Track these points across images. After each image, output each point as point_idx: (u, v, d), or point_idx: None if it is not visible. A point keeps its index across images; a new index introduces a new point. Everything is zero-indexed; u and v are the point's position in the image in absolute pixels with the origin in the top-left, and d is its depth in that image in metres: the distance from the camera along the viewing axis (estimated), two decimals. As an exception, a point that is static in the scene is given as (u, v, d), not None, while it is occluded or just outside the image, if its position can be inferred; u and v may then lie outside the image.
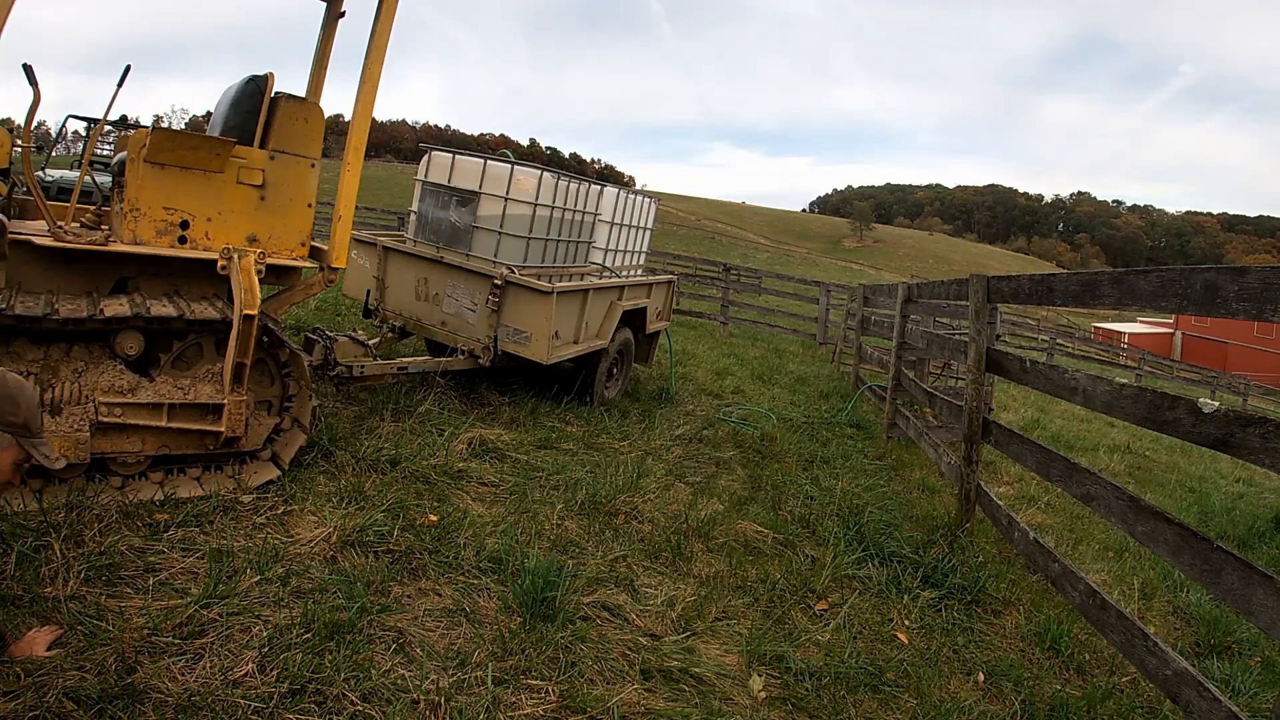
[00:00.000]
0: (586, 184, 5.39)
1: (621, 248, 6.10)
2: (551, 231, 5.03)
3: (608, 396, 5.62)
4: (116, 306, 2.72)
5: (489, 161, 4.87)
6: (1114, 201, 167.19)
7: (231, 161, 3.07)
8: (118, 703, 1.76)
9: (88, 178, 3.32)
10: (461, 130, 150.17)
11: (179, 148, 2.93)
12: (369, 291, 5.02)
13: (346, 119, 3.49)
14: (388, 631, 2.27)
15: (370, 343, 4.52)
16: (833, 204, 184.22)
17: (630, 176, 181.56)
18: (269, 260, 3.13)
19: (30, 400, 1.73)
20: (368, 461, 3.39)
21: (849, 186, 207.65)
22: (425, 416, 4.14)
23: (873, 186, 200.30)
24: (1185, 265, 2.28)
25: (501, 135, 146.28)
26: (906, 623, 2.99)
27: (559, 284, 4.54)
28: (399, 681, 2.02)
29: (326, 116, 3.39)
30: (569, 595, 2.57)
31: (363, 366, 4.16)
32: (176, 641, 2.02)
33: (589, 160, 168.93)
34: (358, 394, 4.39)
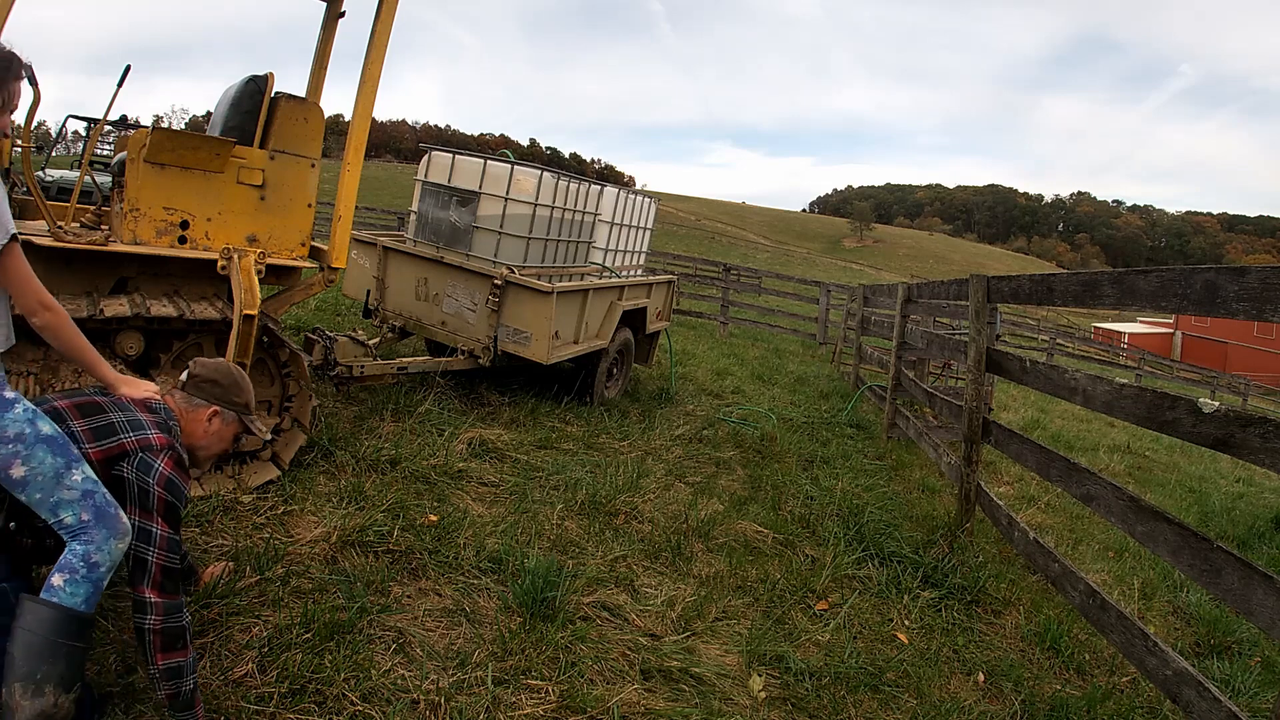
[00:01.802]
0: (586, 184, 5.39)
1: (621, 248, 6.10)
2: (551, 231, 5.03)
3: (608, 396, 5.62)
4: (116, 306, 2.72)
5: (489, 161, 4.87)
6: (1114, 201, 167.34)
7: (231, 161, 3.07)
8: (118, 702, 1.76)
9: (88, 178, 3.32)
10: (461, 130, 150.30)
11: (179, 148, 2.93)
12: (369, 291, 5.02)
13: (346, 119, 3.49)
14: (388, 631, 2.27)
15: (370, 343, 4.52)
16: (833, 204, 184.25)
17: (630, 176, 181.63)
18: (269, 260, 3.13)
19: (249, 384, 2.11)
20: (368, 461, 3.39)
21: (849, 186, 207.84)
22: (425, 416, 4.14)
23: (873, 186, 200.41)
24: (1185, 265, 2.28)
25: (501, 135, 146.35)
26: (906, 623, 2.99)
27: (559, 284, 4.54)
28: (399, 681, 2.02)
29: (326, 116, 3.39)
30: (569, 595, 2.57)
31: (363, 366, 4.16)
32: (176, 641, 2.02)
33: (589, 160, 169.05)
34: (358, 394, 4.39)
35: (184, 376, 2.02)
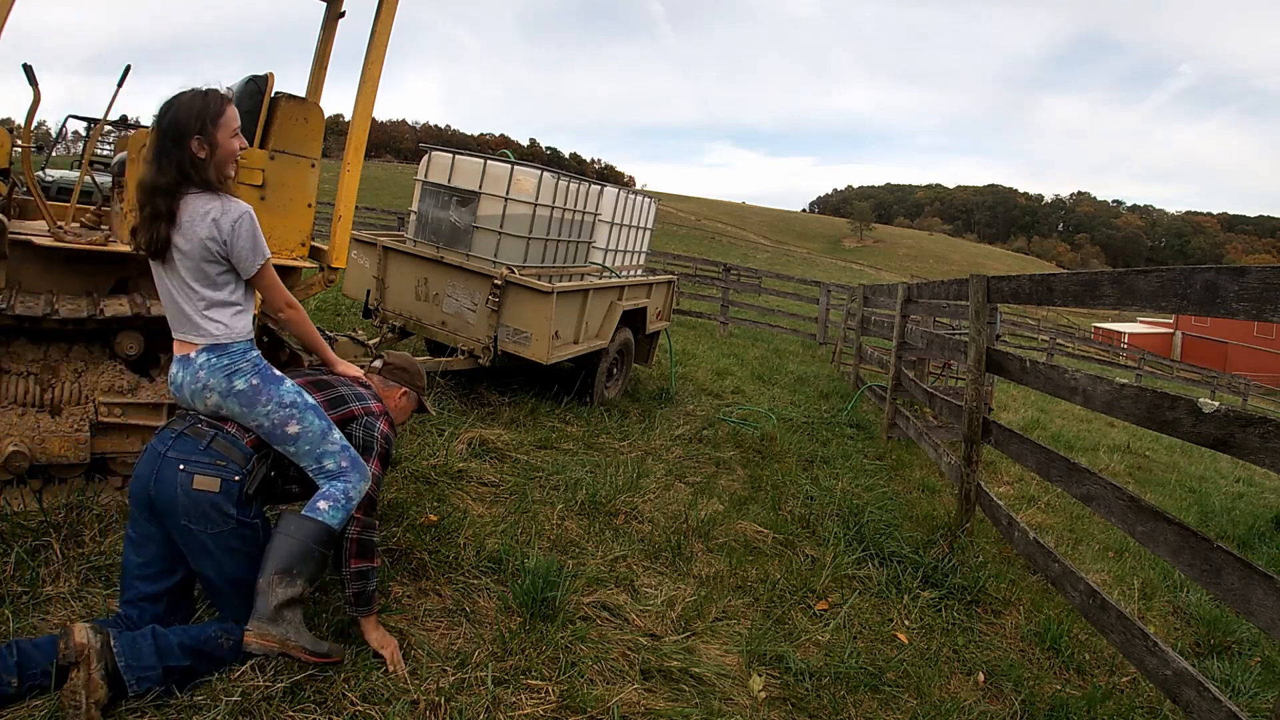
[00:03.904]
0: (586, 184, 5.39)
1: (621, 248, 6.10)
2: (551, 231, 5.03)
3: (608, 396, 5.62)
4: (116, 306, 2.71)
5: (489, 161, 4.87)
6: (1114, 201, 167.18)
7: (231, 161, 3.06)
8: (119, 702, 1.76)
9: (88, 178, 3.32)
10: (461, 130, 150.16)
11: (179, 148, 2.92)
12: (369, 291, 5.02)
13: (346, 119, 3.49)
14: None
15: (370, 343, 4.52)
16: (833, 204, 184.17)
17: (630, 176, 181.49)
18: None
19: (424, 371, 2.66)
20: (368, 461, 3.39)
21: (849, 186, 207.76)
22: (425, 416, 4.14)
23: (873, 186, 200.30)
24: (1185, 265, 2.28)
25: (501, 135, 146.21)
26: (906, 623, 2.99)
27: (559, 284, 4.54)
28: (399, 681, 2.02)
29: (326, 116, 3.39)
30: (569, 595, 2.57)
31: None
32: (176, 641, 2.02)
33: (589, 160, 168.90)
34: (358, 394, 4.39)
35: (378, 364, 2.54)
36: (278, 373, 2.07)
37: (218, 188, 1.97)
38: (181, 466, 1.89)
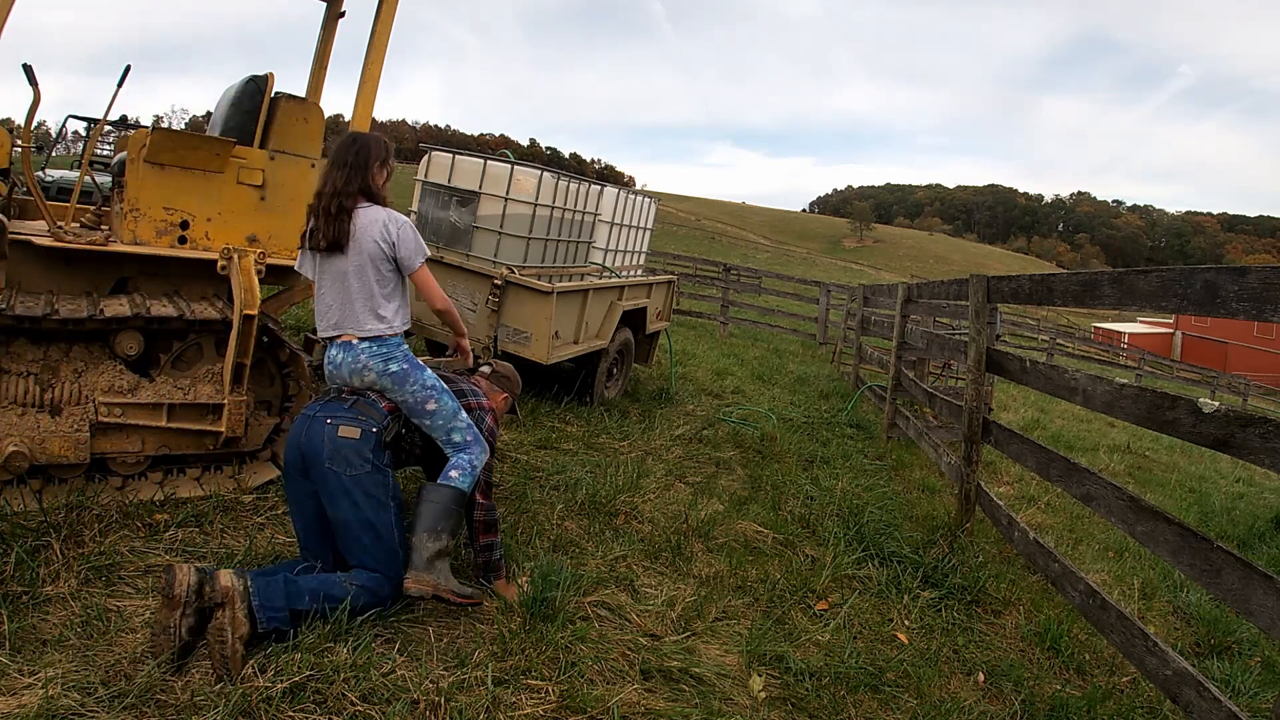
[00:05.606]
0: (586, 184, 5.39)
1: (621, 248, 6.10)
2: (551, 231, 5.03)
3: (608, 396, 5.62)
4: (116, 306, 2.72)
5: (489, 162, 4.87)
6: (1114, 201, 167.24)
7: (231, 161, 3.07)
8: (119, 702, 1.76)
9: (88, 178, 3.33)
10: (461, 130, 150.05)
11: (179, 148, 2.93)
12: (369, 291, 5.01)
13: (346, 119, 3.49)
14: (387, 631, 2.27)
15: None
16: (833, 204, 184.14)
17: (630, 176, 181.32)
18: (269, 260, 3.13)
19: (520, 381, 3.17)
20: (368, 461, 3.38)
21: (849, 186, 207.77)
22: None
23: (873, 186, 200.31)
24: (1185, 265, 2.27)
25: (501, 135, 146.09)
26: (906, 623, 2.99)
27: (559, 284, 4.54)
28: (399, 681, 2.02)
29: (326, 116, 3.39)
30: (569, 595, 2.57)
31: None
32: (176, 641, 2.01)
33: (589, 160, 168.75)
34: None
35: (486, 369, 3.04)
36: (420, 361, 2.51)
37: (384, 204, 2.48)
38: (328, 420, 2.28)
